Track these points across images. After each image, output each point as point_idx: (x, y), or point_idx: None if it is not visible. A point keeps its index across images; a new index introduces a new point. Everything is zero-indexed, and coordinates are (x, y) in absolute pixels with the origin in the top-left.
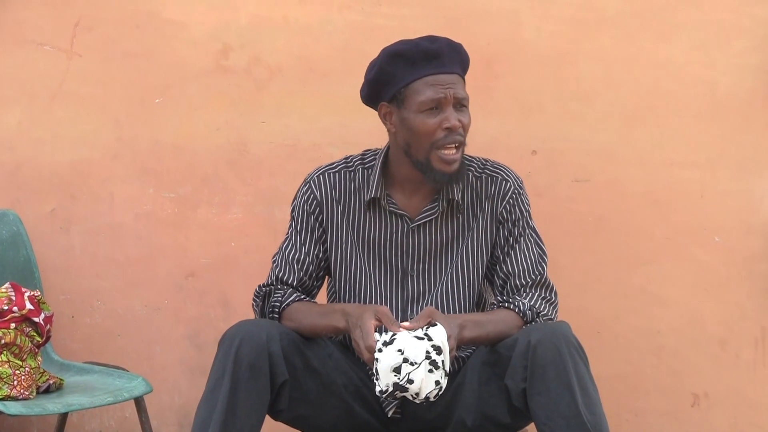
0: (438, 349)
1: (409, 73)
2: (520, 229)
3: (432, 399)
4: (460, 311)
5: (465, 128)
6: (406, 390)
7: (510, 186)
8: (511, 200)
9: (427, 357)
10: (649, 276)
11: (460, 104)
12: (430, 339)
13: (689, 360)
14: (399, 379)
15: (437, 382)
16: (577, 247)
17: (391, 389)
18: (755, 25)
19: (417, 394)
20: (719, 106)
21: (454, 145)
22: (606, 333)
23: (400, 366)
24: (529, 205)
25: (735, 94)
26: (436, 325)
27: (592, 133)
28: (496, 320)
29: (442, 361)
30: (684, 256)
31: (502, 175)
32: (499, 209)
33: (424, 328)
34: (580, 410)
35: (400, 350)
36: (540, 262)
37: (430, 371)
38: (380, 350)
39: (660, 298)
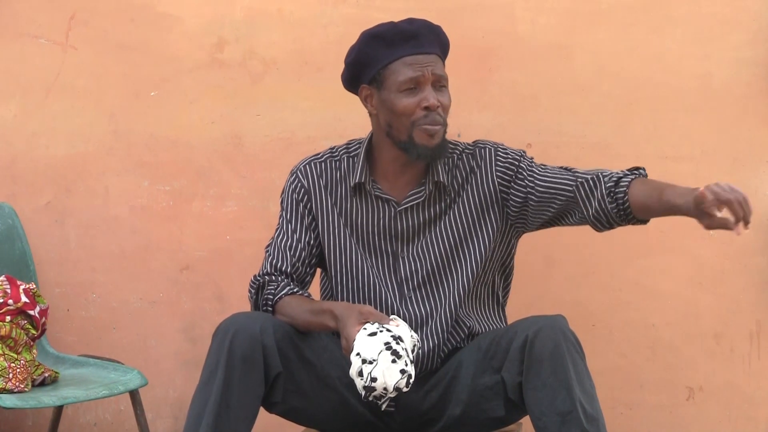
0: (399, 338)
1: (388, 54)
2: (528, 161)
3: (405, 389)
4: (458, 285)
5: (444, 108)
6: (374, 389)
7: (489, 149)
8: (499, 157)
9: (388, 348)
10: (644, 269)
11: (439, 84)
12: (388, 330)
13: (684, 353)
14: (364, 381)
15: (402, 371)
16: (572, 241)
17: (364, 393)
18: (750, 18)
19: (385, 389)
20: (714, 99)
21: (435, 126)
22: (600, 326)
23: (361, 369)
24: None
25: (730, 88)
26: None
27: (587, 126)
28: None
29: (404, 349)
30: (679, 249)
31: (477, 146)
32: (495, 172)
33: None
34: (576, 407)
35: (357, 353)
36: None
37: (393, 361)
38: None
39: (655, 291)
